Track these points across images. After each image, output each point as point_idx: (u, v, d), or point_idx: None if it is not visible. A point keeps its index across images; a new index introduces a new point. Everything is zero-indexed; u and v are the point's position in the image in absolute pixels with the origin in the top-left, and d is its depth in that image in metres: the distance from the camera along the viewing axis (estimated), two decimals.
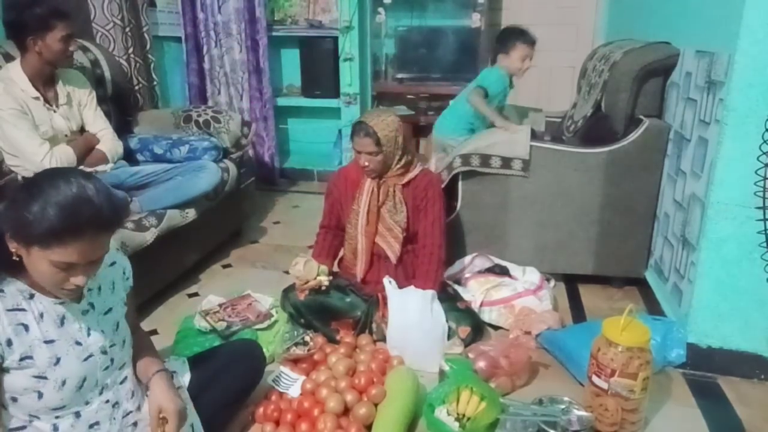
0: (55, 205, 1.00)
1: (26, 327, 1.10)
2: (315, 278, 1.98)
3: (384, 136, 1.92)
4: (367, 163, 1.96)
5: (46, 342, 1.12)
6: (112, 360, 1.24)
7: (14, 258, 1.06)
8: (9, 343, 1.08)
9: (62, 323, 1.15)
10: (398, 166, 2.00)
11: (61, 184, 1.02)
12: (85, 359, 1.18)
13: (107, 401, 1.24)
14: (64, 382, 1.14)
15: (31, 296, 1.12)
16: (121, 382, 1.28)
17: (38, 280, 1.09)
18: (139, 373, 1.31)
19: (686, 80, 2.03)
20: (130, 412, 1.28)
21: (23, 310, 1.10)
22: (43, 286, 1.11)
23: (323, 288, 2.00)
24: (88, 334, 1.20)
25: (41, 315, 1.12)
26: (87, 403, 1.20)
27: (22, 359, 1.10)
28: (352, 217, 2.07)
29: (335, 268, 2.19)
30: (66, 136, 2.25)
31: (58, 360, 1.13)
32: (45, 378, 1.12)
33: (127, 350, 1.30)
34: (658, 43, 2.31)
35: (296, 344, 1.89)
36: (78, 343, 1.17)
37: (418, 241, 2.07)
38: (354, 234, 2.08)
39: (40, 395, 1.12)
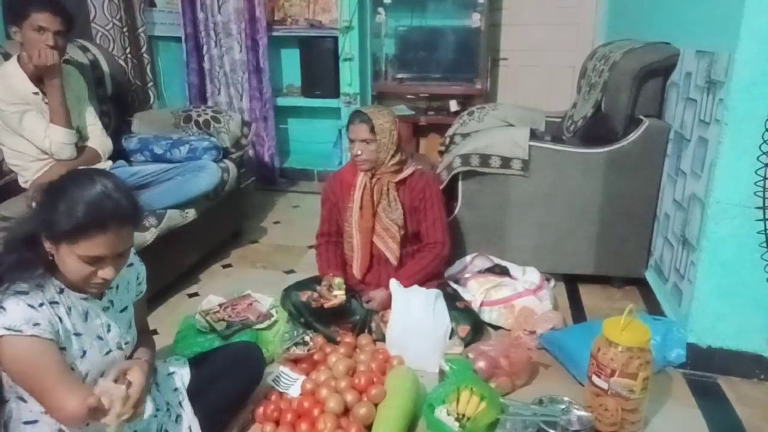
0: (80, 202, 1.07)
1: (61, 319, 1.14)
2: (334, 297, 1.94)
3: (379, 125, 1.94)
4: (360, 152, 1.96)
5: (75, 334, 1.17)
6: (125, 357, 1.29)
7: (49, 257, 1.12)
8: (57, 333, 1.12)
9: (86, 318, 1.20)
10: (392, 162, 2.01)
11: (84, 182, 1.10)
12: (106, 354, 1.23)
13: None
14: (86, 375, 1.18)
15: (61, 291, 1.16)
16: None
17: (69, 276, 1.14)
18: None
19: (686, 80, 2.03)
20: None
21: (57, 303, 1.15)
22: (74, 282, 1.15)
23: (343, 303, 1.96)
24: (108, 330, 1.26)
25: (69, 309, 1.17)
26: None
27: (60, 349, 1.13)
28: (348, 214, 2.06)
29: None
30: None
31: (84, 353, 1.18)
32: (72, 370, 1.16)
33: (132, 348, 1.35)
34: (658, 43, 2.31)
35: (296, 344, 1.89)
36: (100, 338, 1.23)
37: (422, 241, 2.08)
38: (350, 231, 2.08)
39: None
